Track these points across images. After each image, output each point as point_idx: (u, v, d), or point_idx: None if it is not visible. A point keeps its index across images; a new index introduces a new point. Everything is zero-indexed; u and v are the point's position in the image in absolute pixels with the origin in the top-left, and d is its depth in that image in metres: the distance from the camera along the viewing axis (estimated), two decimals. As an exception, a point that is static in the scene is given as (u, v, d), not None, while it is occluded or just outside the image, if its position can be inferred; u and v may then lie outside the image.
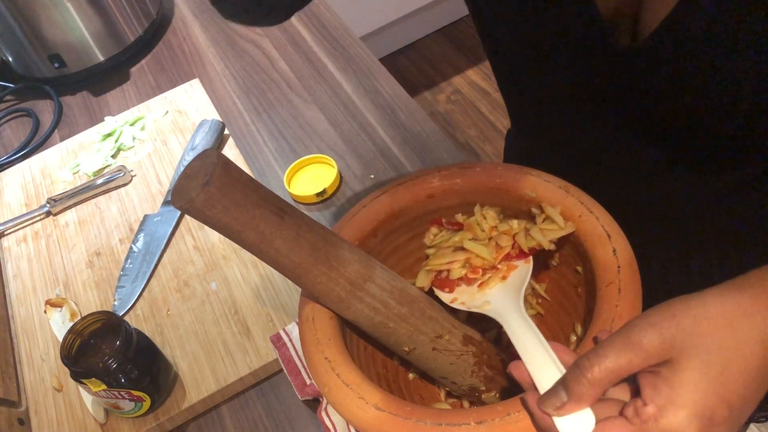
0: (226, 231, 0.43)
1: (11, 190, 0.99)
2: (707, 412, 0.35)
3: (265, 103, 1.02)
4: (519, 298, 0.49)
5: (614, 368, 0.36)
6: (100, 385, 0.64)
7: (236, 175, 0.42)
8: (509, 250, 0.53)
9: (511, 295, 0.50)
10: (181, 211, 0.46)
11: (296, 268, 0.46)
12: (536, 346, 0.43)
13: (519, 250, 0.53)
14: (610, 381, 0.37)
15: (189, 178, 0.42)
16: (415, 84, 2.32)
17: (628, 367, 0.36)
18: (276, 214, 0.44)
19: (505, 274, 0.52)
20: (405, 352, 0.52)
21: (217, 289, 0.79)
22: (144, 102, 1.06)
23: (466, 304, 0.52)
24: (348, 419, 0.46)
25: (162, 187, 0.93)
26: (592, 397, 0.37)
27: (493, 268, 0.53)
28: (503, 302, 0.50)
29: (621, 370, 0.36)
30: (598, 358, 0.37)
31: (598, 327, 0.45)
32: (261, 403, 0.71)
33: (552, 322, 0.59)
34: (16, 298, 0.85)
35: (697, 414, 0.35)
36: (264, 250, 0.45)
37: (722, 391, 0.35)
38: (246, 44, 1.14)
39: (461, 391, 0.56)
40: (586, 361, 0.37)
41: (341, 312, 0.50)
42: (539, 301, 0.60)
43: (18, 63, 1.15)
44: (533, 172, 0.55)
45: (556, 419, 0.38)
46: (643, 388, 0.36)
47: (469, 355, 0.53)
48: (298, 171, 0.90)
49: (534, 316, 0.60)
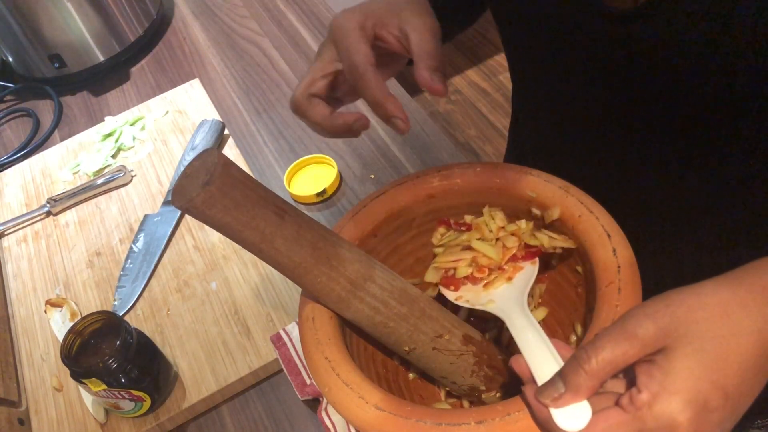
0: (226, 230, 0.43)
1: (11, 190, 0.99)
2: (701, 398, 0.35)
3: (265, 103, 1.02)
4: (523, 296, 0.50)
5: (611, 359, 0.36)
6: (100, 385, 0.64)
7: (237, 174, 0.42)
8: (516, 251, 0.53)
9: (516, 294, 0.51)
10: (181, 210, 0.46)
11: (296, 268, 0.46)
12: (537, 341, 0.44)
13: (525, 252, 0.53)
14: (607, 372, 0.37)
15: (189, 177, 0.42)
16: (415, 84, 2.31)
17: (625, 357, 0.36)
18: (276, 213, 0.44)
19: (511, 275, 0.53)
20: (405, 351, 0.52)
21: (217, 289, 0.79)
22: (144, 102, 1.06)
23: (471, 302, 0.52)
24: (348, 419, 0.46)
25: (162, 187, 0.93)
26: (589, 389, 0.37)
27: (500, 268, 0.53)
28: (507, 301, 0.50)
29: (618, 361, 0.37)
30: (595, 350, 0.37)
31: (598, 327, 0.45)
32: (261, 403, 0.71)
33: (552, 322, 0.59)
34: (16, 298, 0.85)
35: (690, 400, 0.35)
36: (264, 250, 0.45)
37: (717, 378, 0.35)
38: (246, 44, 1.14)
39: (461, 391, 0.56)
40: (583, 353, 0.37)
41: (341, 312, 0.50)
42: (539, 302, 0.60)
43: (18, 63, 1.15)
44: (533, 172, 0.55)
45: (553, 410, 0.38)
46: (638, 376, 0.37)
47: (469, 355, 0.53)
48: (298, 171, 0.90)
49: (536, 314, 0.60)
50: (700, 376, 0.35)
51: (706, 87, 0.48)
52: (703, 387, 0.35)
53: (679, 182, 0.58)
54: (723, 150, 0.53)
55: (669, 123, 0.54)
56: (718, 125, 0.51)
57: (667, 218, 0.63)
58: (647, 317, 0.37)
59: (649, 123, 0.55)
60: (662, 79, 0.50)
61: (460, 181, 0.57)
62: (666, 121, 0.54)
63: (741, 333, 0.36)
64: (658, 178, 0.60)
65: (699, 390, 0.35)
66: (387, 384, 0.57)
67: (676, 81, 0.49)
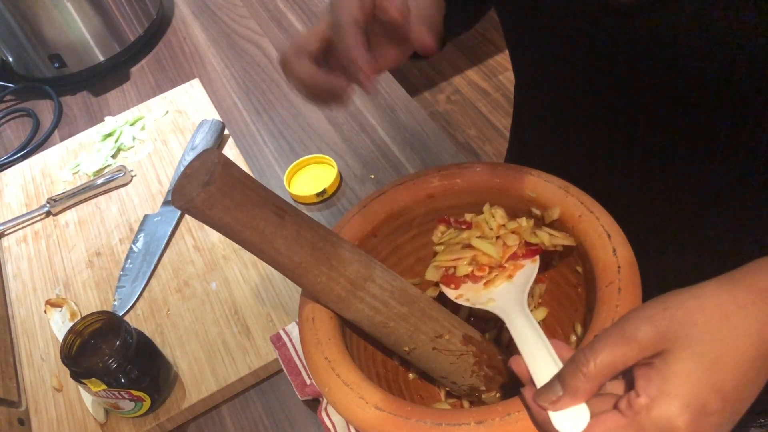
0: (226, 231, 0.43)
1: (11, 190, 0.99)
2: (699, 402, 0.35)
3: (265, 103, 1.02)
4: (523, 295, 0.50)
5: (609, 362, 0.36)
6: (100, 385, 0.64)
7: (236, 174, 0.42)
8: (516, 249, 0.53)
9: (516, 294, 0.50)
10: (181, 210, 0.46)
11: (296, 268, 0.46)
12: (537, 342, 0.44)
13: (526, 250, 0.53)
14: (605, 375, 0.37)
15: (189, 177, 0.42)
16: (415, 84, 2.32)
17: (623, 360, 0.36)
18: (276, 213, 0.44)
19: (512, 273, 0.53)
20: (405, 351, 0.52)
21: (217, 289, 0.79)
22: (144, 102, 1.06)
23: (471, 300, 0.52)
24: (348, 419, 0.46)
25: (162, 187, 0.93)
26: (587, 392, 0.37)
27: (500, 266, 0.53)
28: (507, 300, 0.50)
29: (616, 364, 0.37)
30: (594, 353, 0.37)
31: (598, 327, 0.45)
32: (261, 403, 0.71)
33: (552, 322, 0.59)
34: (16, 298, 0.85)
35: (689, 403, 0.35)
36: (264, 250, 0.45)
37: (715, 381, 0.35)
38: (246, 44, 1.14)
39: (461, 391, 0.56)
40: (582, 356, 0.37)
41: (342, 312, 0.50)
42: (539, 302, 0.60)
43: (18, 63, 1.15)
44: (533, 172, 0.55)
45: (552, 413, 0.38)
46: (637, 379, 0.37)
47: (469, 355, 0.53)
48: (298, 171, 0.90)
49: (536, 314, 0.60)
50: (698, 379, 0.35)
51: (710, 81, 0.48)
52: (701, 390, 0.35)
53: (681, 180, 0.58)
54: (727, 146, 0.53)
55: (674, 119, 0.53)
56: (723, 120, 0.51)
57: (668, 217, 0.63)
58: (645, 320, 0.36)
59: (653, 119, 0.55)
60: (667, 73, 0.50)
61: (460, 181, 0.57)
62: (671, 116, 0.53)
63: (739, 335, 0.35)
64: (660, 177, 0.60)
65: (697, 393, 0.35)
66: (387, 384, 0.57)
67: (680, 75, 0.49)
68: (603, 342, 0.37)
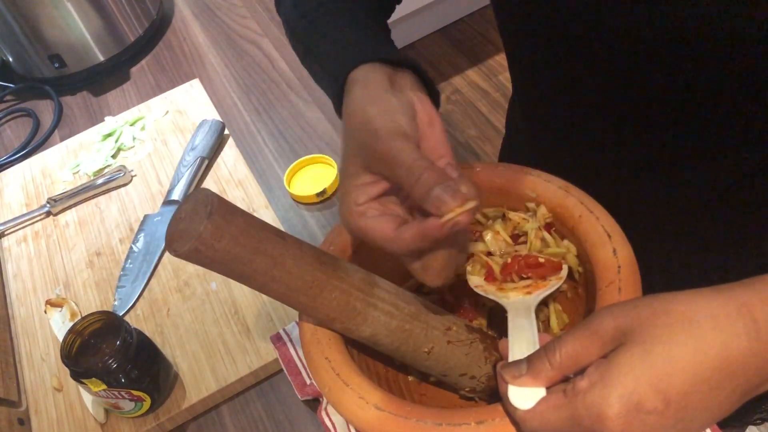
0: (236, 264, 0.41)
1: (11, 190, 0.99)
2: (635, 398, 0.35)
3: (265, 103, 1.02)
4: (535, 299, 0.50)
5: (572, 353, 0.38)
6: (100, 385, 0.64)
7: (231, 205, 0.41)
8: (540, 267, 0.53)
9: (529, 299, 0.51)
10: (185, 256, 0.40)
11: (311, 288, 0.44)
12: (526, 331, 0.46)
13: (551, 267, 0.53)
14: (568, 365, 0.38)
15: (184, 220, 0.41)
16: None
17: (586, 352, 0.38)
18: (277, 235, 0.43)
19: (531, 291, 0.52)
20: (425, 354, 0.51)
21: (217, 289, 0.79)
22: (144, 102, 1.06)
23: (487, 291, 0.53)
24: (348, 419, 0.46)
25: (162, 187, 0.93)
26: (549, 378, 0.39)
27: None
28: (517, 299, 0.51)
29: (579, 356, 0.38)
30: (561, 343, 0.38)
31: (598, 327, 0.45)
32: (261, 403, 0.71)
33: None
34: (16, 298, 0.85)
35: (622, 395, 0.35)
36: (276, 276, 0.43)
37: (658, 382, 0.35)
38: (246, 44, 1.14)
39: (481, 386, 0.55)
40: (551, 344, 0.39)
41: (359, 328, 0.47)
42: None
43: (18, 63, 1.15)
44: (533, 172, 0.55)
45: (510, 387, 0.40)
46: (589, 367, 0.38)
47: (477, 342, 0.53)
48: (298, 171, 0.90)
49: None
50: (640, 375, 0.35)
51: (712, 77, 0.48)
52: (640, 387, 0.35)
53: (684, 180, 0.58)
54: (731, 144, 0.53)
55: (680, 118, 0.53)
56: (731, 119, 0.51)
57: (669, 217, 0.63)
58: (609, 315, 0.38)
59: (654, 115, 0.55)
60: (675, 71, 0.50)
61: (460, 181, 0.57)
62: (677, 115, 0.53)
63: (702, 344, 0.35)
64: (662, 177, 0.60)
65: (634, 389, 0.35)
66: (387, 384, 0.57)
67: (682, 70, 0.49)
68: (571, 334, 0.38)
